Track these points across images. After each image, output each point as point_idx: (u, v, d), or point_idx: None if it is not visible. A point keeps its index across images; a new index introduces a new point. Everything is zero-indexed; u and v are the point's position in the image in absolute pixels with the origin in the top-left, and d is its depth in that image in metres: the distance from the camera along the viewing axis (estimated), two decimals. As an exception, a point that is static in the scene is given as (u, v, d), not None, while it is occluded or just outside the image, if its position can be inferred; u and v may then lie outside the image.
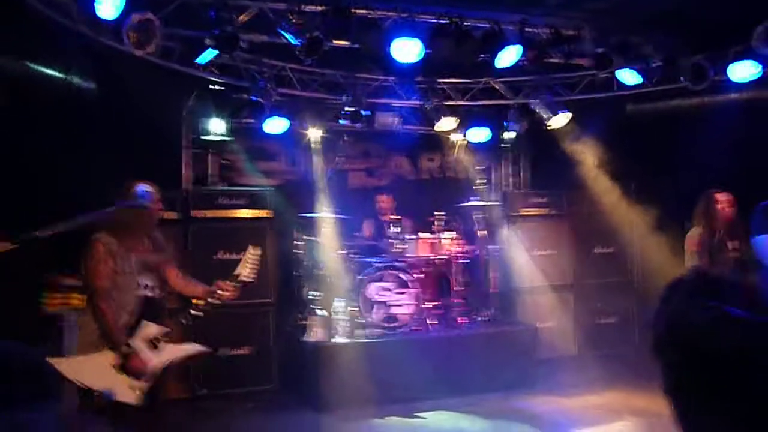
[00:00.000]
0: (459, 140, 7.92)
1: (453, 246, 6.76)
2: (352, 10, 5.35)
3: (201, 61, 5.59)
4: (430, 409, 5.75)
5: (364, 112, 6.82)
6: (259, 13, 5.32)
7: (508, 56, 5.80)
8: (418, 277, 6.46)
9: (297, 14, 5.25)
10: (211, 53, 5.35)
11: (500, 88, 7.59)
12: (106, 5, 4.54)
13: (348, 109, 6.79)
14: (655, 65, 6.32)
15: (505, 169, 8.79)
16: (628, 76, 6.57)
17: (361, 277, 6.32)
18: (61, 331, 5.50)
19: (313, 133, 7.36)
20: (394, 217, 7.16)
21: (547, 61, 6.31)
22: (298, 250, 6.74)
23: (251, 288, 5.28)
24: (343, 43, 5.59)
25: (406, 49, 5.46)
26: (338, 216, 6.67)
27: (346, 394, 5.53)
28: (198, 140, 6.88)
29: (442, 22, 5.68)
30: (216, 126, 6.82)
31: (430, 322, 6.49)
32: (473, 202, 7.12)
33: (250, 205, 6.56)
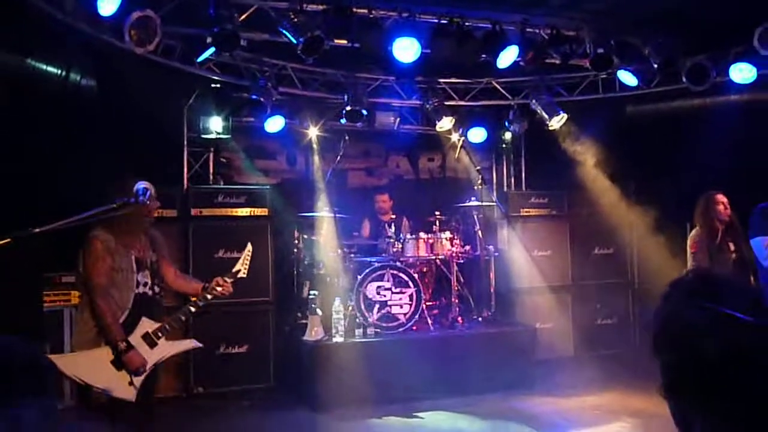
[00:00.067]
0: (459, 140, 7.91)
1: (452, 246, 6.75)
2: (353, 10, 5.35)
3: (200, 59, 5.59)
4: (428, 409, 5.73)
5: (364, 112, 6.82)
6: (260, 11, 5.32)
7: (508, 56, 5.80)
8: (417, 277, 6.46)
9: (298, 13, 5.23)
10: (210, 51, 5.35)
11: (500, 89, 7.60)
12: (107, 2, 4.54)
13: (348, 108, 6.79)
14: (655, 66, 6.32)
15: (505, 170, 8.78)
16: (628, 77, 6.58)
17: (360, 277, 6.32)
18: (61, 328, 5.52)
19: (313, 132, 7.37)
20: (394, 217, 7.16)
21: (548, 61, 6.31)
22: (298, 249, 6.74)
23: (250, 286, 5.29)
24: (344, 42, 5.59)
25: (406, 49, 5.46)
26: (337, 215, 6.65)
27: (344, 394, 5.51)
28: (198, 138, 6.87)
29: (443, 22, 5.69)
30: (216, 124, 6.82)
31: (429, 322, 6.48)
32: (473, 202, 7.11)
33: (250, 203, 6.55)
